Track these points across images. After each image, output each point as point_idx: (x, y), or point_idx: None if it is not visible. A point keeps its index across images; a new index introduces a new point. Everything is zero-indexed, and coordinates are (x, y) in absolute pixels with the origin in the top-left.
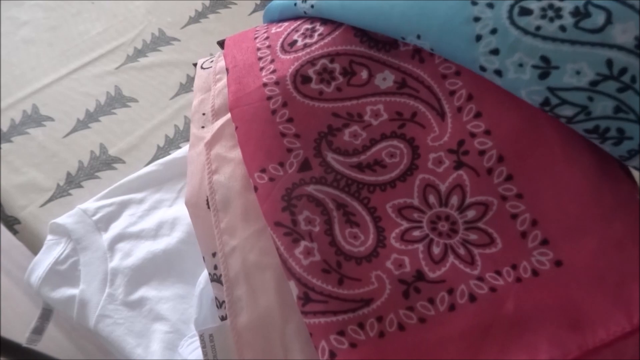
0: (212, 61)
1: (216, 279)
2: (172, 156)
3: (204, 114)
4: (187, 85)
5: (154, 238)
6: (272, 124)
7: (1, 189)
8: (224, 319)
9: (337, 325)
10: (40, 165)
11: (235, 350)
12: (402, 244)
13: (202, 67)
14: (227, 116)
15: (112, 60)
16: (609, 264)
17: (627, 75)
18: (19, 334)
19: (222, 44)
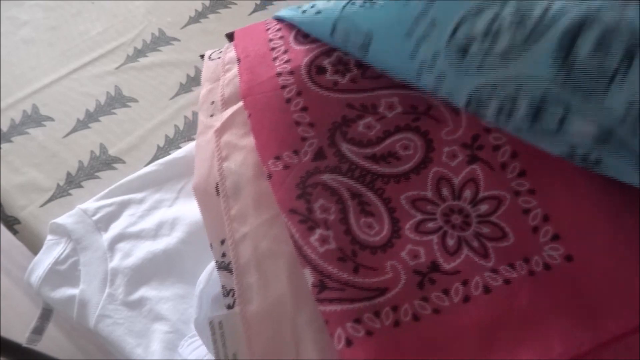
0: (220, 52)
1: (224, 267)
2: (172, 156)
3: (212, 103)
4: (187, 85)
5: (154, 238)
6: (286, 113)
7: (1, 189)
8: (229, 306)
9: (353, 312)
10: (40, 165)
11: (244, 338)
12: (417, 235)
13: (210, 58)
14: (238, 105)
15: (112, 60)
16: (619, 260)
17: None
18: (19, 334)
19: (230, 37)
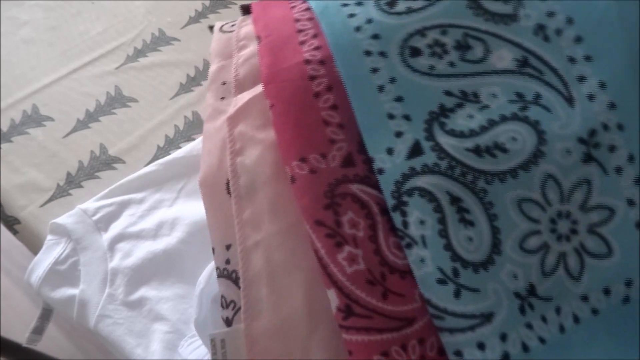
0: (233, 25)
1: (226, 275)
2: (172, 156)
3: (224, 83)
4: (187, 85)
5: (154, 238)
6: (314, 109)
7: (1, 189)
8: (227, 320)
9: (381, 344)
10: (40, 165)
11: (247, 357)
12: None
13: (221, 30)
14: (256, 90)
15: (112, 60)
16: None
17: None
18: (19, 334)
19: (246, 10)
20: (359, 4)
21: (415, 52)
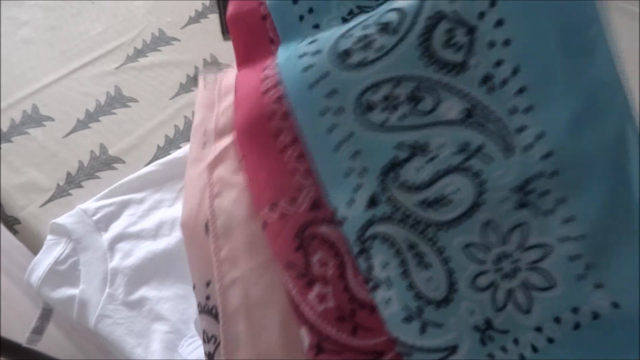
0: (217, 74)
1: (207, 311)
2: (172, 156)
3: (205, 133)
4: (187, 85)
5: (154, 238)
6: (281, 162)
7: (1, 189)
8: (209, 354)
9: None
10: (40, 165)
11: None
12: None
13: (205, 80)
14: (233, 136)
15: (112, 60)
16: None
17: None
18: (19, 334)
19: (226, 31)
20: (317, 52)
21: (370, 107)
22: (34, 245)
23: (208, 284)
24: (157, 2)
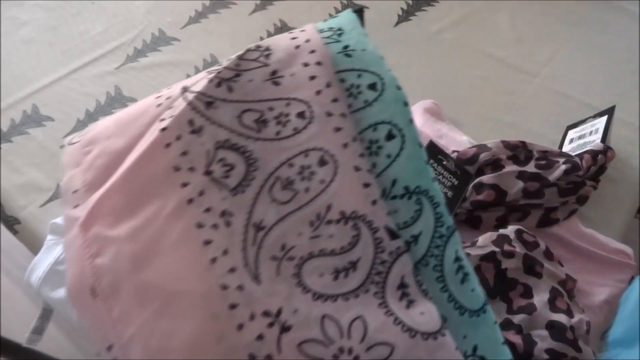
0: (81, 134)
1: None
2: None
3: (75, 192)
4: None
5: None
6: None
7: (1, 189)
8: None
9: None
10: (40, 165)
11: None
12: None
13: (70, 143)
14: (104, 189)
15: (112, 60)
16: None
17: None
18: (19, 334)
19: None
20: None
21: None
22: (34, 245)
23: (110, 347)
24: (157, 2)
